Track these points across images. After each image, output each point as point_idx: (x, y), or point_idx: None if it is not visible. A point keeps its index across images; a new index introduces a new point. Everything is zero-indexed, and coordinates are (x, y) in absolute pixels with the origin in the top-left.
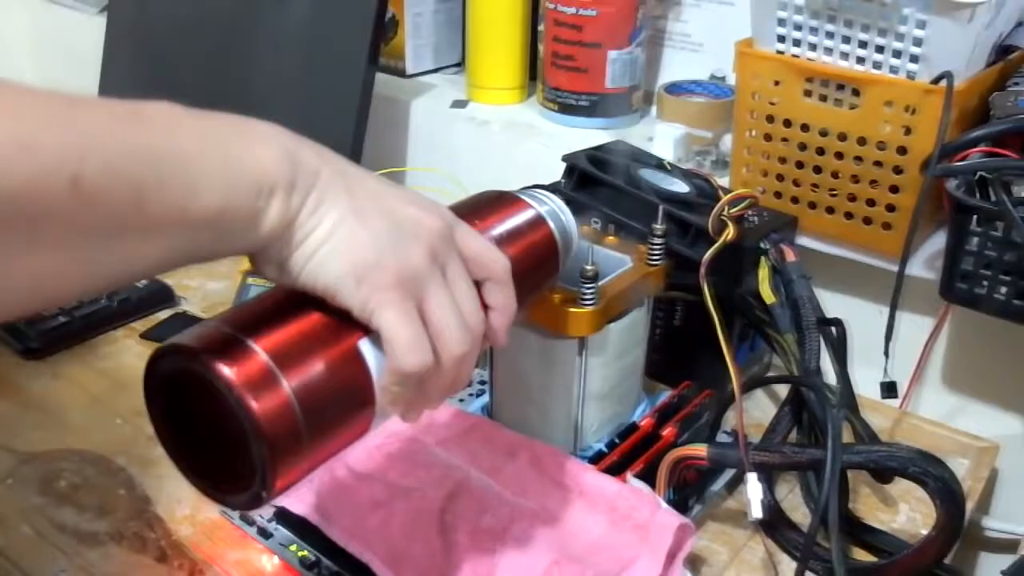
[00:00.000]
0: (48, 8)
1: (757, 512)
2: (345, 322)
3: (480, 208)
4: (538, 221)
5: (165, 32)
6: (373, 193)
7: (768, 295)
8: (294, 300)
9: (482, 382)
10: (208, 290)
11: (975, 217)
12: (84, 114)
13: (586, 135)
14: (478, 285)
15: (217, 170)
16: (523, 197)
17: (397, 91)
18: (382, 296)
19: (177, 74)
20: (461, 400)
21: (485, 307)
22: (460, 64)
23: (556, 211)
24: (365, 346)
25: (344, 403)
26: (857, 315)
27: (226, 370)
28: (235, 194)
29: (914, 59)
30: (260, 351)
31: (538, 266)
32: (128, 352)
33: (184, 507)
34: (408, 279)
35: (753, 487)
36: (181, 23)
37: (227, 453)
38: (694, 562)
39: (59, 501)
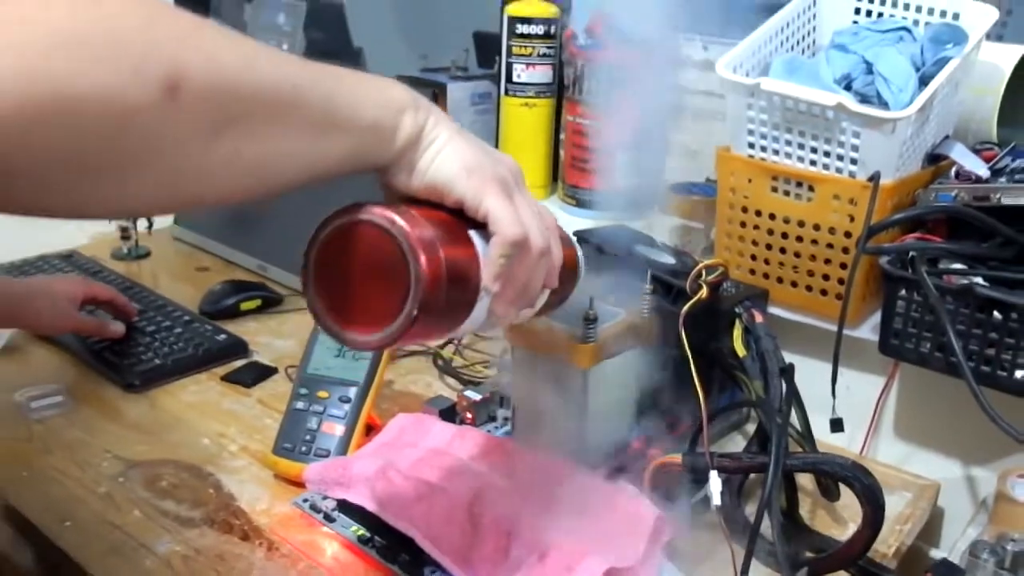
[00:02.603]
0: None
1: (716, 500)
2: (460, 219)
3: None
4: (567, 240)
5: None
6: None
7: (740, 349)
8: (423, 203)
9: (506, 418)
10: (276, 346)
11: (902, 287)
12: (286, 55)
13: (598, 225)
14: None
15: (371, 95)
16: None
17: None
18: (486, 187)
19: None
20: (488, 431)
21: None
22: None
23: (575, 241)
24: (474, 235)
25: (465, 276)
26: (819, 374)
27: (404, 225)
28: (383, 111)
29: (853, 161)
30: (424, 220)
31: (564, 275)
32: (211, 391)
33: (262, 503)
34: (502, 181)
35: (714, 482)
36: None
37: (370, 304)
38: (674, 558)
39: (162, 495)
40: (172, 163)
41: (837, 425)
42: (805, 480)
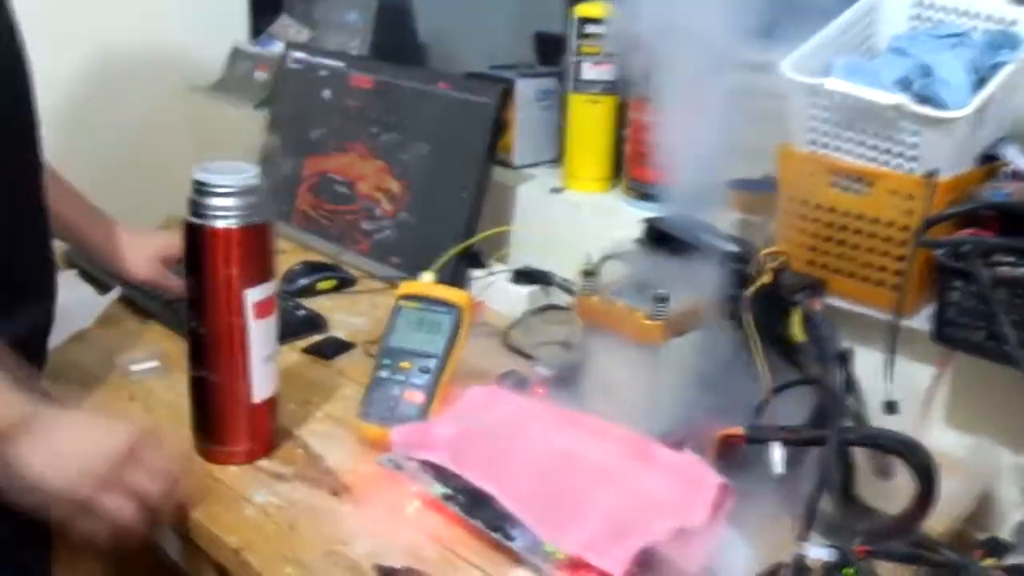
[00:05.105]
0: (210, 103)
1: (778, 468)
2: None
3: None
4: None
5: (319, 127)
6: (70, 455)
7: (799, 335)
8: None
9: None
10: (351, 322)
11: (956, 278)
12: None
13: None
14: None
15: None
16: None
17: (506, 179)
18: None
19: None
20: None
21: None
22: (555, 160)
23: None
24: None
25: None
26: (872, 363)
27: None
28: None
29: (911, 159)
30: None
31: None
32: (293, 362)
33: (348, 463)
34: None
35: (775, 452)
36: (334, 120)
37: None
38: (736, 525)
39: None
40: None
41: (891, 407)
42: (860, 461)
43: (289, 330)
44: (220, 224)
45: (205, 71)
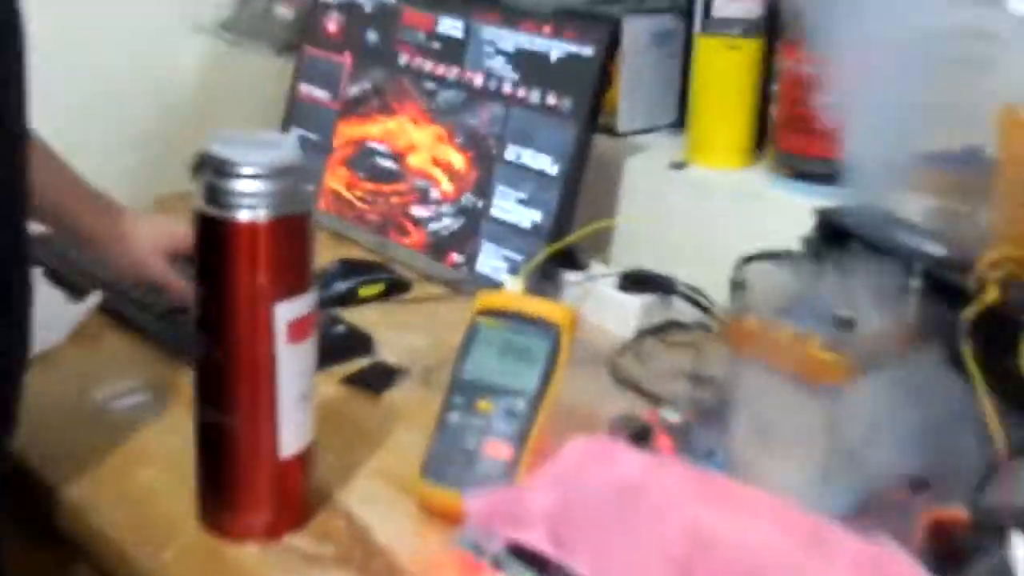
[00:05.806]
0: (217, 47)
1: (1022, 569)
2: None
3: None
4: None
5: (358, 81)
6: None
7: None
8: None
9: (711, 451)
10: (405, 342)
11: None
12: None
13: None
14: None
15: None
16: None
17: (609, 150)
18: None
19: None
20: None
21: None
22: (675, 125)
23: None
24: None
25: None
26: None
27: None
28: None
29: None
30: None
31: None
32: (331, 396)
33: (407, 540)
34: None
35: (1019, 546)
36: (378, 72)
37: None
38: None
39: None
40: None
41: None
42: None
43: (324, 352)
44: (245, 216)
45: (211, 6)
